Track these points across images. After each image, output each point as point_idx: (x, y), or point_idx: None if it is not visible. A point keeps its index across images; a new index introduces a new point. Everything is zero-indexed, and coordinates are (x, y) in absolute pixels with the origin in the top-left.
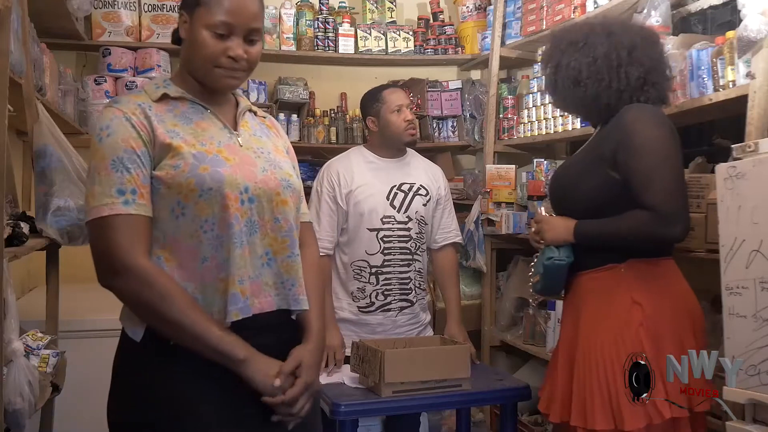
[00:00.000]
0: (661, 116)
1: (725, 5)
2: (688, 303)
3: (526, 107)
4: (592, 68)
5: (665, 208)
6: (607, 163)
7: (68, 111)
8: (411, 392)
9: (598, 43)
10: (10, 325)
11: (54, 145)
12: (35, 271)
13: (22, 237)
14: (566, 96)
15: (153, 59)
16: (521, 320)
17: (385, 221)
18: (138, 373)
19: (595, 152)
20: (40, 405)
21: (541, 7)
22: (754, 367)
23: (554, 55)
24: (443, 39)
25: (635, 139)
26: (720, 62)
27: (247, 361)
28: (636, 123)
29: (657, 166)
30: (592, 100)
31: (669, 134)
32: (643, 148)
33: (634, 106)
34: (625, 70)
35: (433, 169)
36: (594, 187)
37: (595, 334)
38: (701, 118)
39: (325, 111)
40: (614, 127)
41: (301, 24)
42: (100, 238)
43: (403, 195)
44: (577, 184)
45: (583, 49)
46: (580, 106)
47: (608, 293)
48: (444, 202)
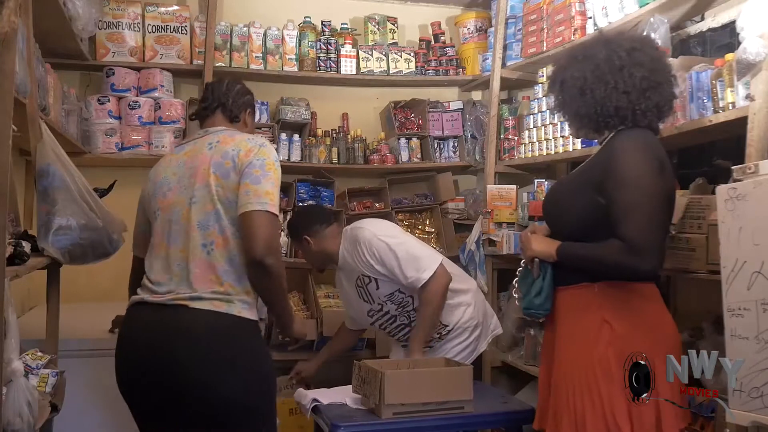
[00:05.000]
0: (652, 146)
1: (724, 28)
2: (663, 326)
3: (526, 128)
4: (596, 73)
5: (637, 242)
6: (594, 188)
7: (71, 130)
8: (412, 414)
9: (597, 51)
10: (10, 344)
11: (57, 164)
12: (35, 289)
13: (23, 256)
14: (576, 109)
15: (156, 79)
16: (522, 341)
17: (371, 314)
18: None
19: (585, 176)
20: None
21: (541, 29)
22: (756, 389)
23: (557, 73)
24: (444, 60)
25: (620, 170)
26: (720, 84)
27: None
28: (624, 154)
29: (636, 202)
30: (600, 106)
31: (656, 169)
32: (626, 181)
33: (627, 133)
34: (629, 71)
35: (351, 251)
36: (582, 210)
37: (567, 350)
38: (701, 140)
39: (327, 131)
40: (605, 154)
41: (303, 45)
42: (272, 227)
43: (362, 290)
44: (568, 205)
45: (583, 59)
46: (590, 116)
47: (581, 311)
48: (389, 261)
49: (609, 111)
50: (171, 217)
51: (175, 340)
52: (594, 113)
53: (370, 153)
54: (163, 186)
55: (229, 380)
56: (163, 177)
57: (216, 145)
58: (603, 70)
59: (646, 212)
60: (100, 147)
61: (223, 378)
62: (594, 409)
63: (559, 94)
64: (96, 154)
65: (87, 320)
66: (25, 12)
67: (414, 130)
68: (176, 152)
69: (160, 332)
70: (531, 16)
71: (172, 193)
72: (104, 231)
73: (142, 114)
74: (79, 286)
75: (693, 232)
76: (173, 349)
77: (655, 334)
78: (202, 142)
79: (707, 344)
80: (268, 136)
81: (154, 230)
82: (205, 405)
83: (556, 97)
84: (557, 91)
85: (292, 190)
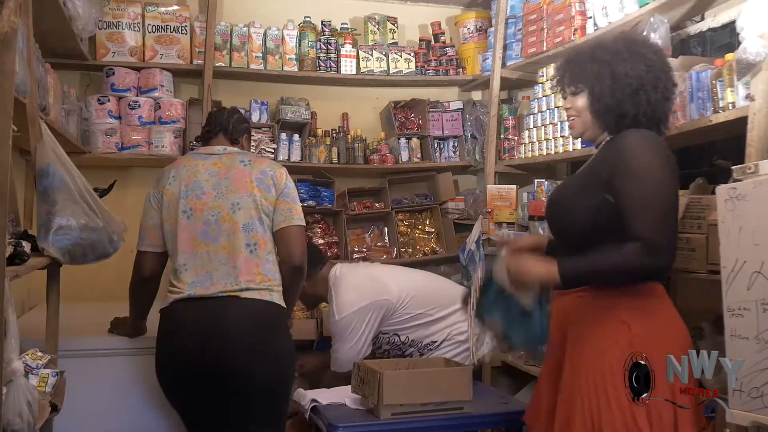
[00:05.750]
0: (661, 144)
1: (724, 28)
2: (675, 327)
3: (526, 128)
4: (649, 76)
5: (655, 239)
6: (603, 186)
7: (71, 130)
8: (411, 414)
9: (644, 53)
10: (10, 344)
11: (57, 164)
12: (35, 289)
13: (23, 256)
14: (622, 107)
15: (156, 79)
16: None
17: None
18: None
19: (592, 174)
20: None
21: (541, 29)
22: (756, 389)
23: (601, 67)
24: (444, 60)
25: (632, 164)
26: (719, 84)
27: None
28: (634, 148)
29: (651, 195)
30: (651, 109)
31: (666, 163)
32: (639, 175)
33: (635, 132)
34: (667, 76)
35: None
36: (590, 209)
37: (581, 353)
38: (701, 140)
39: (327, 131)
40: (612, 151)
41: (303, 45)
42: (305, 238)
43: None
44: (574, 205)
45: (631, 58)
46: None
47: (595, 313)
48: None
49: (654, 114)
50: (208, 218)
51: (232, 327)
52: (642, 114)
53: (370, 153)
54: (195, 189)
55: (276, 359)
56: (195, 181)
57: (250, 163)
58: (657, 74)
59: (662, 206)
60: (100, 147)
61: (272, 358)
62: (611, 412)
63: (608, 88)
64: (96, 154)
65: (87, 320)
66: (25, 12)
67: (414, 130)
68: (201, 159)
69: (215, 321)
70: (531, 16)
71: (207, 197)
72: (104, 231)
73: (142, 114)
74: (80, 287)
75: (693, 232)
76: (232, 336)
77: (669, 332)
78: (231, 158)
79: (707, 344)
80: (268, 136)
81: (181, 228)
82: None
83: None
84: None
85: None
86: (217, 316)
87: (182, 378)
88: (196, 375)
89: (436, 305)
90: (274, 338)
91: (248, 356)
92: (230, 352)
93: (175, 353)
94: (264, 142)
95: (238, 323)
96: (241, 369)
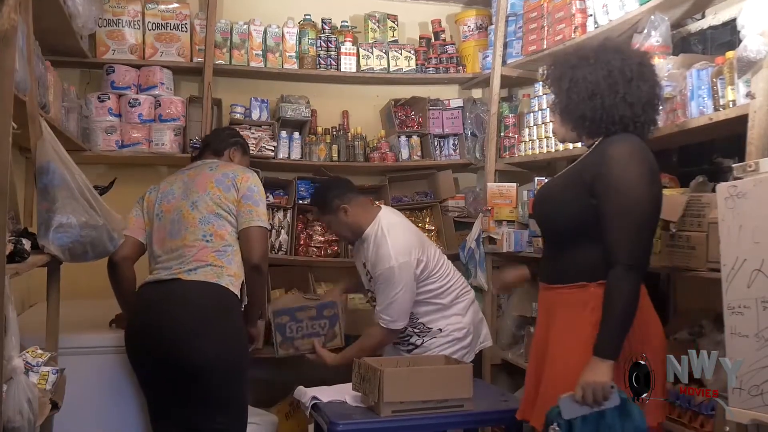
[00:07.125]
0: (644, 151)
1: (725, 26)
2: (651, 324)
3: (527, 126)
4: (608, 81)
5: (630, 259)
6: (587, 189)
7: (71, 128)
8: (411, 412)
9: (610, 58)
10: (10, 342)
11: (57, 161)
12: (36, 287)
13: (23, 253)
14: (581, 111)
15: (156, 77)
16: (522, 339)
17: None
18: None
19: (577, 177)
20: (39, 423)
21: (542, 27)
22: (756, 387)
23: (565, 71)
24: (445, 58)
25: (613, 175)
26: (720, 82)
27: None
28: (617, 157)
29: (628, 207)
30: (606, 113)
31: (646, 173)
32: (619, 187)
33: (620, 138)
34: (636, 83)
35: (371, 245)
36: (574, 211)
37: (561, 346)
38: (701, 138)
39: (327, 129)
40: (599, 156)
41: (303, 43)
42: (266, 239)
43: (365, 271)
44: (560, 207)
45: (595, 63)
46: (594, 120)
47: (577, 309)
48: (379, 284)
49: (613, 119)
50: (174, 217)
51: (173, 307)
52: (599, 118)
53: (370, 151)
54: (168, 195)
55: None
56: (169, 189)
57: (216, 168)
58: (615, 79)
59: (636, 219)
60: (100, 145)
61: (215, 339)
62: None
63: (565, 92)
64: (96, 152)
65: (87, 318)
66: (25, 9)
67: (414, 128)
68: (181, 173)
69: (159, 301)
70: (531, 14)
71: (176, 200)
72: (104, 229)
73: (143, 111)
74: (80, 284)
75: (693, 230)
76: (173, 315)
77: (644, 331)
78: (203, 166)
79: (707, 342)
80: (268, 134)
81: (156, 229)
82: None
83: (559, 94)
84: (561, 88)
85: (292, 188)
86: (162, 297)
87: (136, 357)
88: (143, 353)
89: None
90: (215, 319)
91: (186, 334)
92: (170, 329)
93: (129, 333)
94: (264, 140)
95: (180, 303)
96: (180, 346)
